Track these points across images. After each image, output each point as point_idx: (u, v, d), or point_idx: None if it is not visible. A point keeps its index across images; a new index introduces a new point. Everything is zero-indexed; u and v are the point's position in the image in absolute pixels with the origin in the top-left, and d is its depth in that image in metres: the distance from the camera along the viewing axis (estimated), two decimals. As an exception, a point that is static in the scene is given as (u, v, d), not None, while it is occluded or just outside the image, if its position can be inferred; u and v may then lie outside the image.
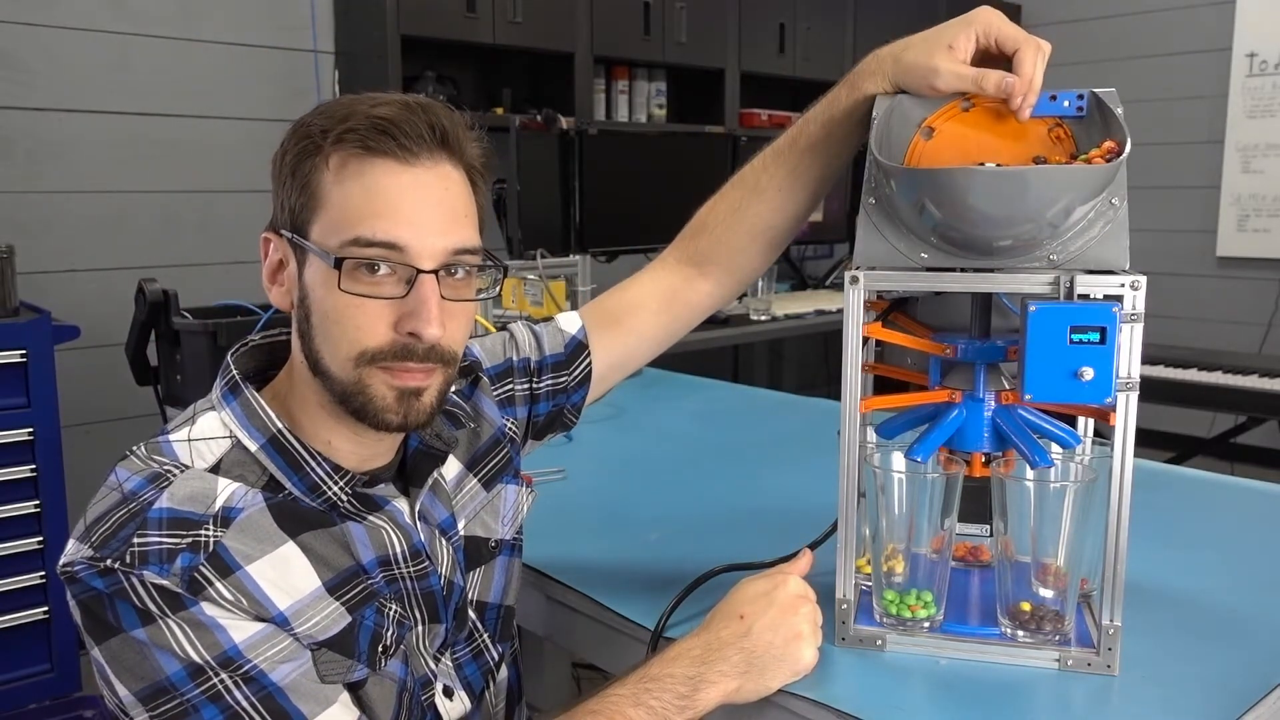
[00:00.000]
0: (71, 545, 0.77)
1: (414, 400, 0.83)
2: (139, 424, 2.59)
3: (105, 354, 2.62)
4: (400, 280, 0.80)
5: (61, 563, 0.76)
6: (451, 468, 0.98)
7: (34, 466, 2.06)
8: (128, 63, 2.77)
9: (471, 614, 0.96)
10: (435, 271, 0.81)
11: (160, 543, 0.75)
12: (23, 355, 2.03)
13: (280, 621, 0.78)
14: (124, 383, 2.03)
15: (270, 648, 0.78)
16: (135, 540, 0.75)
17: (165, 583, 0.74)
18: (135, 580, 0.74)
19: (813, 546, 1.05)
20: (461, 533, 0.96)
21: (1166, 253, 4.40)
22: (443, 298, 0.81)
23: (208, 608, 0.75)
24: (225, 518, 0.78)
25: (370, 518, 0.87)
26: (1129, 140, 0.81)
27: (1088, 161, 0.83)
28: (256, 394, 0.85)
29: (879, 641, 0.91)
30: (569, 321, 1.12)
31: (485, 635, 0.97)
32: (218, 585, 0.76)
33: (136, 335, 1.92)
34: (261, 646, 0.77)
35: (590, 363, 1.11)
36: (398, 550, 0.88)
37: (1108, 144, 0.83)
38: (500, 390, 1.06)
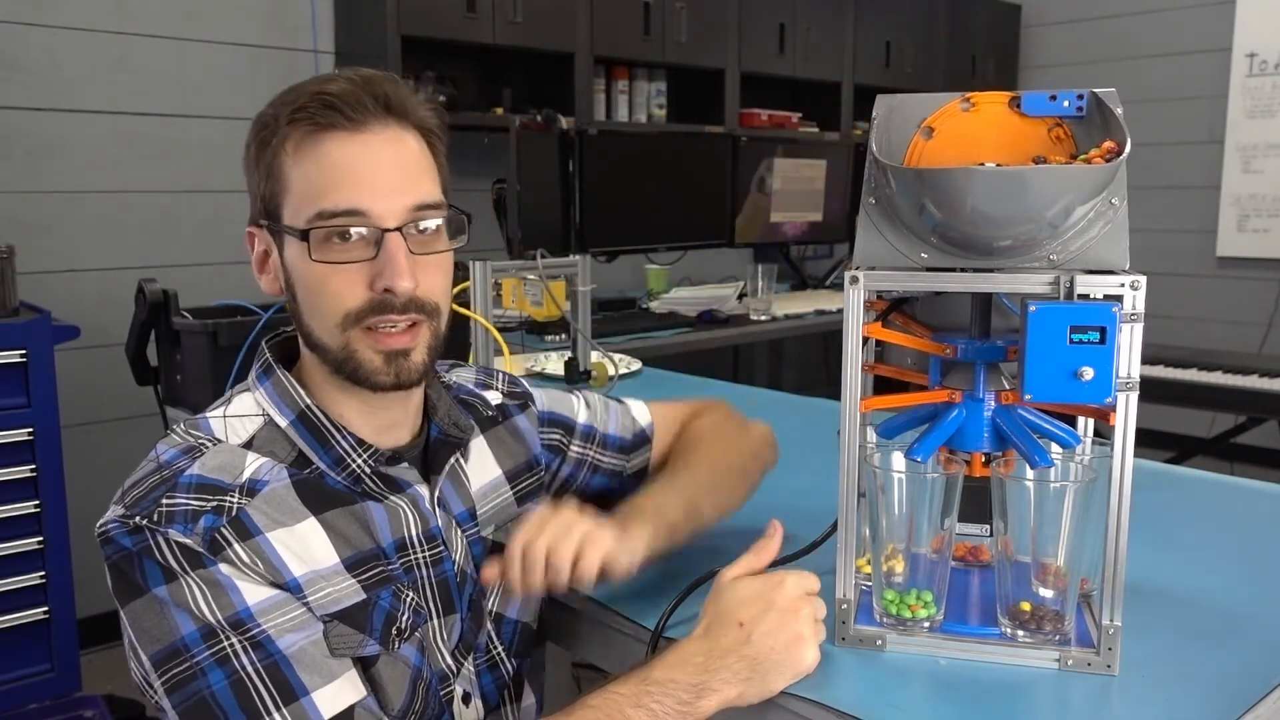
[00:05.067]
0: (109, 510, 0.82)
1: (402, 360, 0.87)
2: (139, 424, 2.59)
3: (105, 354, 2.62)
4: (369, 243, 0.85)
5: (98, 525, 0.82)
6: (490, 471, 1.02)
7: (34, 466, 2.06)
8: (128, 63, 2.78)
9: (489, 624, 0.98)
10: (400, 229, 0.85)
11: (186, 504, 0.80)
12: (23, 355, 2.03)
13: (294, 588, 0.82)
14: (124, 383, 2.03)
15: (281, 615, 0.80)
16: (164, 501, 0.80)
17: (188, 541, 0.79)
18: (160, 538, 0.79)
19: (813, 547, 1.06)
20: (490, 537, 0.99)
21: (1166, 253, 4.40)
22: (411, 252, 0.86)
23: (225, 568, 0.79)
24: (251, 488, 0.83)
25: (391, 498, 0.91)
26: (1129, 140, 0.81)
27: (1088, 161, 0.83)
28: (287, 375, 0.91)
29: (879, 641, 0.91)
30: (640, 412, 1.16)
31: (500, 648, 0.98)
32: (236, 547, 0.80)
33: (136, 335, 1.92)
34: (272, 612, 0.80)
35: (649, 460, 1.14)
36: (414, 533, 0.91)
37: (1108, 144, 0.83)
38: (548, 435, 1.09)
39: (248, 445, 0.87)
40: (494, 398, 1.07)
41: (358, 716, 0.81)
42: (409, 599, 0.89)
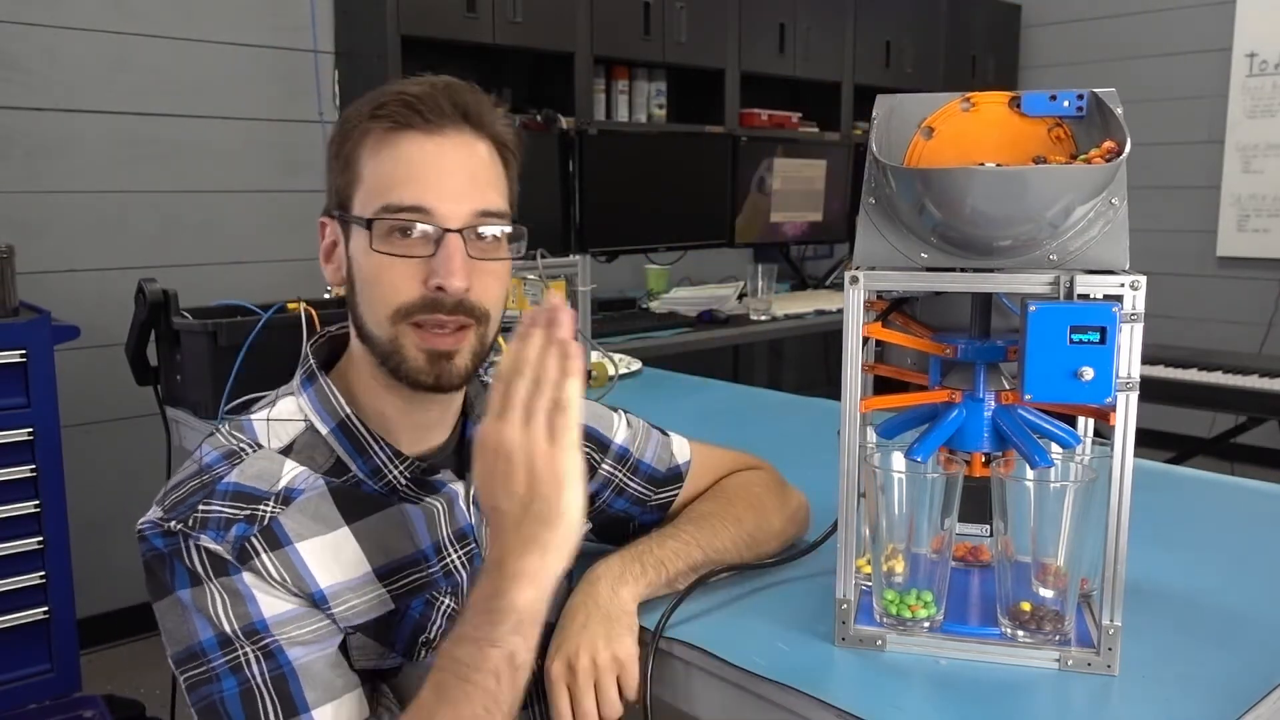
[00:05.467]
0: (150, 509, 0.85)
1: (445, 363, 0.88)
2: (139, 424, 2.59)
3: (105, 354, 2.62)
4: (430, 241, 0.87)
5: (138, 523, 0.84)
6: None
7: (34, 466, 2.06)
8: (128, 63, 2.78)
9: None
10: (461, 231, 0.87)
11: (221, 512, 0.82)
12: (23, 355, 2.03)
13: (319, 599, 0.83)
14: (124, 383, 2.03)
15: (296, 627, 0.81)
16: (200, 508, 0.82)
17: (217, 548, 0.81)
18: (192, 543, 0.81)
19: (813, 546, 1.06)
20: None
21: (1166, 253, 4.40)
22: (471, 257, 0.87)
23: (248, 577, 0.81)
24: (287, 497, 0.85)
25: (427, 500, 0.92)
26: (1129, 140, 0.81)
27: (1088, 161, 0.83)
28: (329, 382, 0.93)
29: (879, 641, 0.91)
30: (680, 448, 1.14)
31: None
32: (264, 558, 0.82)
33: (136, 335, 1.91)
34: (288, 624, 0.81)
35: (675, 498, 1.12)
36: (446, 532, 0.92)
37: (1108, 144, 0.83)
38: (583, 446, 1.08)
39: (288, 450, 0.89)
40: None
41: None
42: (444, 606, 0.90)
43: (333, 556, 0.85)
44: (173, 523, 0.82)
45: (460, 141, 0.88)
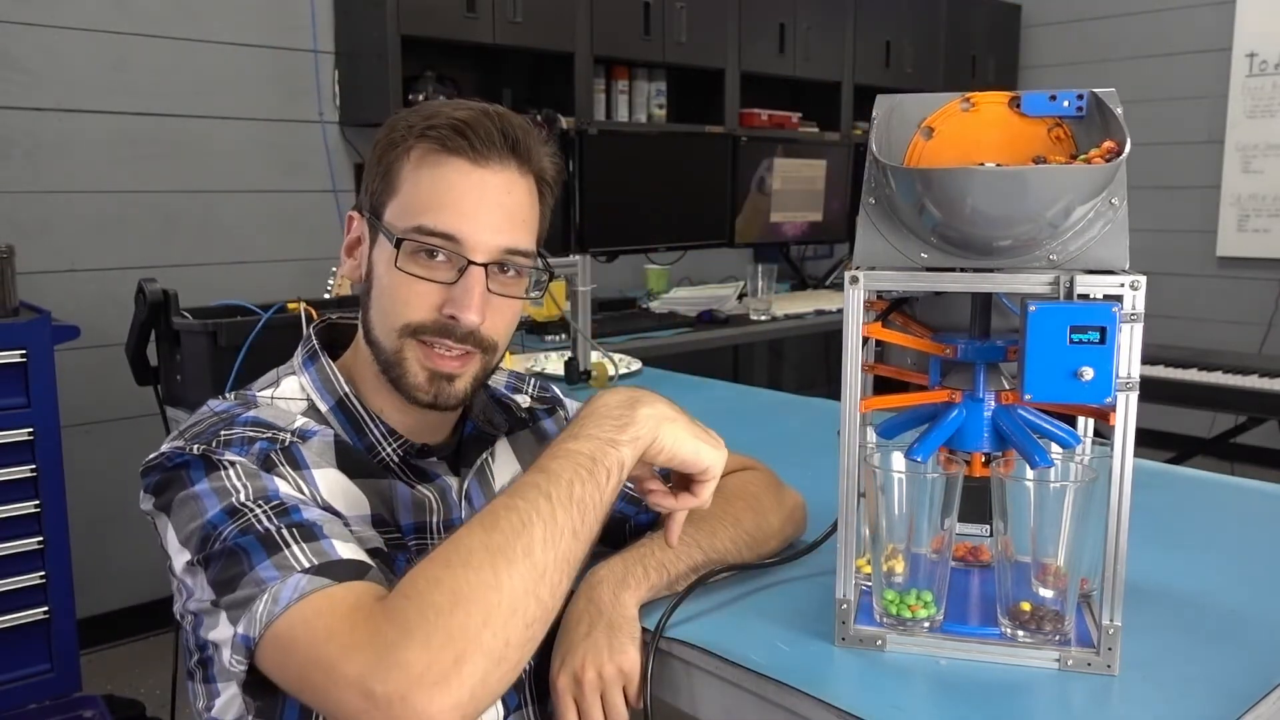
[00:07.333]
0: (163, 446, 0.86)
1: (445, 383, 0.91)
2: (139, 424, 2.59)
3: (105, 354, 2.62)
4: (453, 268, 0.89)
5: (146, 460, 0.85)
6: (514, 471, 1.04)
7: (34, 466, 2.06)
8: (128, 63, 2.78)
9: None
10: (485, 265, 0.89)
11: (243, 434, 0.85)
12: (23, 355, 2.03)
13: (335, 514, 0.85)
14: (124, 383, 2.03)
15: (310, 508, 0.82)
16: (222, 433, 0.85)
17: (242, 459, 0.83)
18: (215, 457, 0.82)
19: (813, 546, 1.06)
20: None
21: (1166, 253, 4.40)
22: (490, 291, 0.89)
23: (270, 474, 0.83)
24: (303, 434, 0.89)
25: (420, 487, 0.94)
26: (1129, 140, 0.81)
27: (1087, 161, 0.83)
28: (330, 363, 0.96)
29: (879, 641, 0.91)
30: None
31: None
32: (286, 468, 0.85)
33: (136, 335, 1.91)
34: (302, 503, 0.82)
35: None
36: (436, 520, 0.94)
37: (1107, 144, 0.83)
38: None
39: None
40: (523, 401, 1.11)
41: (371, 576, 0.78)
42: None
43: (341, 492, 0.88)
44: (195, 446, 0.83)
45: (504, 175, 0.90)
